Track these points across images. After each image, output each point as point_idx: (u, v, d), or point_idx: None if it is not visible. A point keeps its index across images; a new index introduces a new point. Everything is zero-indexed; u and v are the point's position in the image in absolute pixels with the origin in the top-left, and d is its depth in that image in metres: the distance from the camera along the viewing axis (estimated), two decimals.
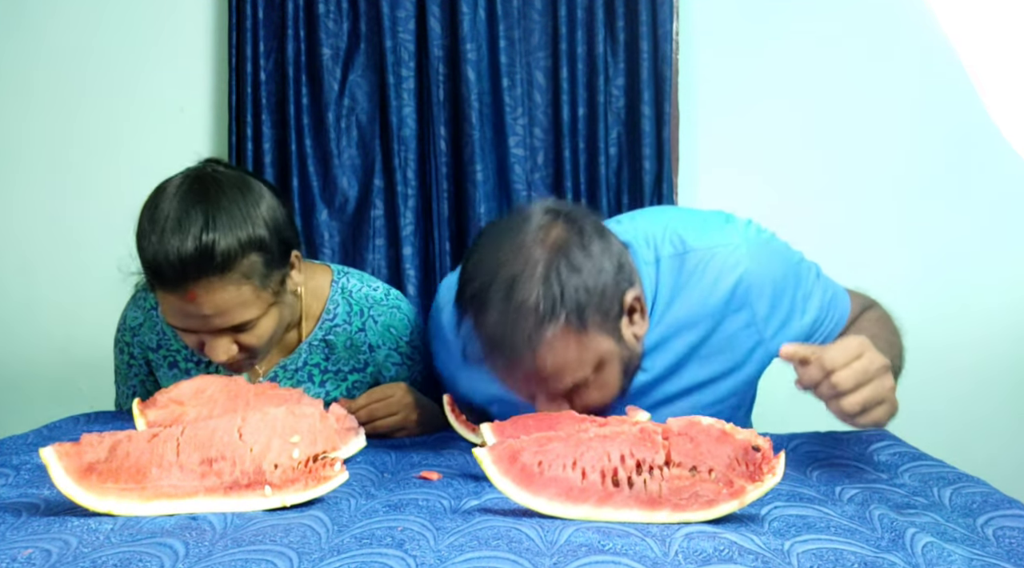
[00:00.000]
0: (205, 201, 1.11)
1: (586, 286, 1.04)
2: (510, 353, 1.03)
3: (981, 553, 0.73)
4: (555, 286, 1.03)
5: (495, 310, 1.03)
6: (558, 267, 1.04)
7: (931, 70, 1.81)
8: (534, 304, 1.02)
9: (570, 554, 0.73)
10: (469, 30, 1.78)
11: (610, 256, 1.08)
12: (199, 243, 1.07)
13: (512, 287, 1.03)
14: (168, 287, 1.10)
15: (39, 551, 0.74)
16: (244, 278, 1.11)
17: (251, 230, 1.12)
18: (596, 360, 1.06)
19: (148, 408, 1.08)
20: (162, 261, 1.08)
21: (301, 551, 0.75)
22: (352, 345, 1.31)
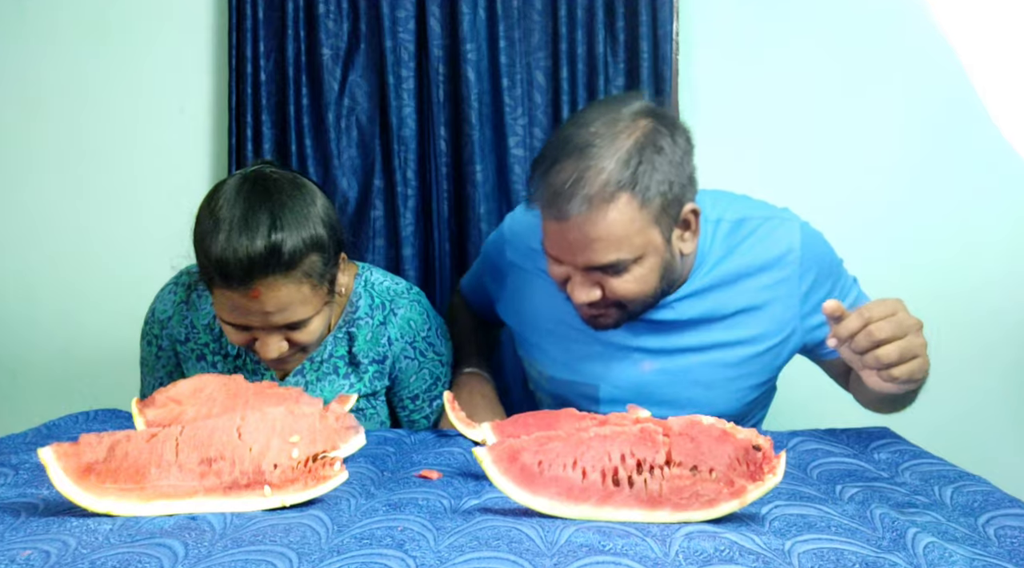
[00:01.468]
0: (269, 201, 1.13)
1: (662, 172, 1.09)
2: (570, 207, 1.07)
3: (983, 553, 0.72)
4: (633, 160, 1.08)
5: (570, 163, 1.08)
6: (642, 146, 1.09)
7: (931, 71, 1.81)
8: (608, 167, 1.07)
9: (570, 554, 0.73)
10: (469, 30, 1.78)
11: (688, 164, 1.14)
12: (268, 241, 1.10)
13: (592, 147, 1.08)
14: (234, 285, 1.11)
15: (38, 552, 0.74)
16: (305, 276, 1.14)
17: (313, 230, 1.14)
18: (642, 248, 1.11)
19: (147, 407, 1.07)
20: (230, 259, 1.09)
21: (301, 551, 0.74)
22: (373, 337, 1.32)
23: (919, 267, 1.84)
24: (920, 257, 1.84)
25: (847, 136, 1.84)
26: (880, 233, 1.84)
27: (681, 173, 1.12)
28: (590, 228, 1.08)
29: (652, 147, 1.09)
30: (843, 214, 1.84)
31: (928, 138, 1.82)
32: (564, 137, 1.11)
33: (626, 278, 1.12)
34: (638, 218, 1.09)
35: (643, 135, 1.09)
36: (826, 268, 1.24)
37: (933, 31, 1.80)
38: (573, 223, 1.08)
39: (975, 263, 1.83)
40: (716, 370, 1.25)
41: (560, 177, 1.08)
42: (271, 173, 1.19)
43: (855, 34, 1.82)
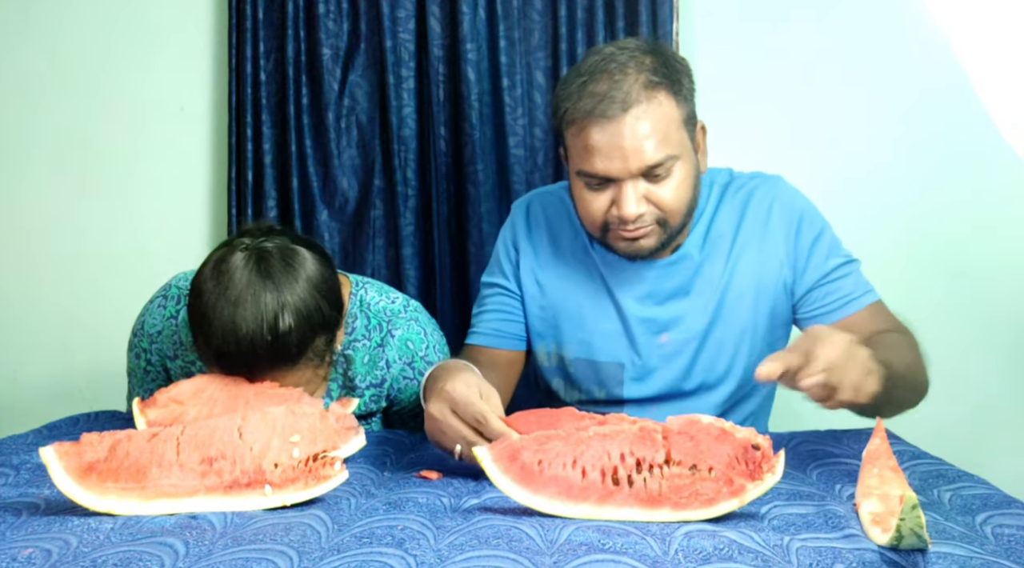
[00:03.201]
0: (274, 286, 1.05)
1: (688, 75, 1.20)
2: (618, 105, 1.12)
3: (980, 551, 0.73)
4: (664, 64, 1.16)
5: (603, 76, 1.14)
6: (664, 56, 1.18)
7: (931, 69, 1.81)
8: (642, 69, 1.14)
9: (570, 553, 0.73)
10: (469, 30, 1.78)
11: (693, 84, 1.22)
12: (276, 333, 1.04)
13: (618, 62, 1.15)
14: (236, 372, 1.07)
15: (39, 551, 0.74)
16: (310, 359, 1.10)
17: (319, 315, 1.08)
18: (681, 146, 1.17)
19: (148, 407, 1.07)
20: (233, 351, 1.04)
21: (301, 550, 0.75)
22: (371, 360, 1.28)
23: (919, 265, 1.84)
24: (920, 256, 1.84)
25: (847, 135, 1.84)
26: (880, 232, 1.84)
27: (692, 88, 1.21)
28: (641, 123, 1.13)
29: (672, 57, 1.19)
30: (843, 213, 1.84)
31: (928, 135, 1.82)
32: (586, 65, 1.17)
33: (669, 183, 1.17)
34: (676, 114, 1.16)
35: (661, 54, 1.18)
36: (809, 215, 1.30)
37: (932, 29, 1.80)
38: (623, 122, 1.12)
39: (975, 262, 1.83)
40: (723, 328, 1.28)
41: (599, 86, 1.13)
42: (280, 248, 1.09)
43: (854, 34, 1.82)
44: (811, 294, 1.29)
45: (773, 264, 1.29)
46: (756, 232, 1.29)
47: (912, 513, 0.69)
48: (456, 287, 1.86)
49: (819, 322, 1.26)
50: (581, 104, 1.14)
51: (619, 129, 1.13)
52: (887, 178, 1.84)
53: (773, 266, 1.29)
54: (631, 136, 1.13)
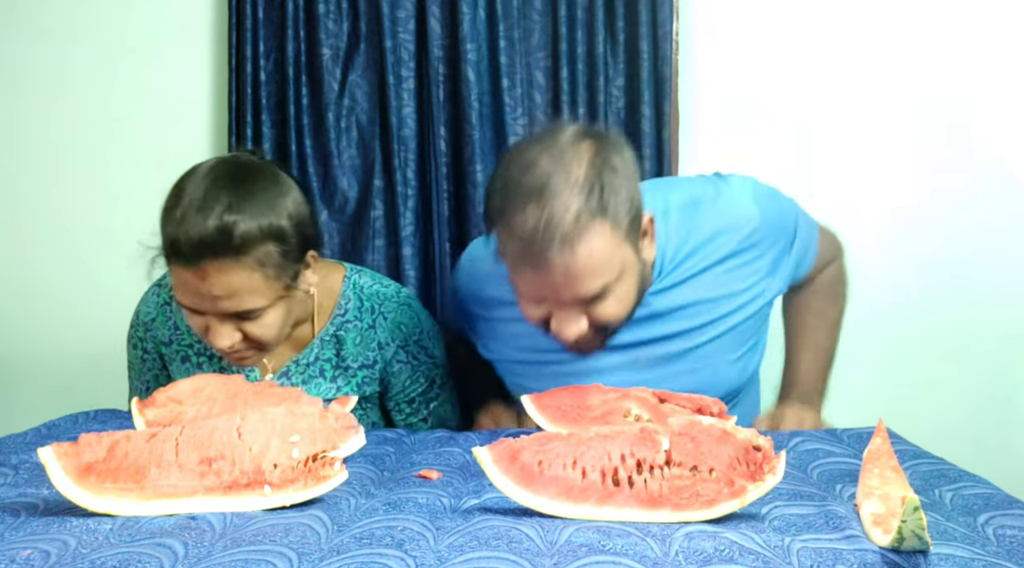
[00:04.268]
0: (232, 184, 1.12)
1: (625, 188, 1.08)
2: (547, 249, 1.03)
3: (982, 552, 0.72)
4: (597, 183, 1.05)
5: (535, 206, 1.03)
6: (599, 166, 1.06)
7: (931, 69, 1.81)
8: (572, 200, 1.03)
9: (570, 554, 0.73)
10: (469, 30, 1.78)
11: (637, 174, 1.12)
12: (220, 222, 1.09)
13: (552, 183, 1.04)
14: (182, 262, 1.11)
15: (38, 552, 0.74)
16: (258, 264, 1.12)
17: (273, 219, 1.13)
18: (620, 267, 1.09)
19: (147, 407, 1.07)
20: (181, 237, 1.09)
21: (301, 551, 0.74)
22: (362, 341, 1.31)
23: (919, 266, 1.84)
24: (920, 257, 1.84)
25: (848, 135, 1.84)
26: (880, 232, 1.84)
27: (635, 186, 1.10)
28: (573, 265, 1.05)
29: (607, 167, 1.07)
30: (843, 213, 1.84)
31: (929, 136, 1.82)
32: (515, 184, 1.06)
33: (609, 301, 1.10)
34: (613, 241, 1.07)
35: (593, 157, 1.07)
36: (783, 231, 1.28)
37: (933, 30, 1.80)
38: (554, 265, 1.05)
39: (976, 263, 1.83)
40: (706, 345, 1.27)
41: (527, 225, 1.04)
42: (250, 161, 1.18)
43: (855, 34, 1.82)
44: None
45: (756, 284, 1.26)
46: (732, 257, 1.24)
47: (914, 515, 0.69)
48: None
49: None
50: (510, 244, 1.07)
51: (550, 272, 1.05)
52: (887, 177, 1.84)
53: (756, 286, 1.26)
54: (564, 277, 1.06)
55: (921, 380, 1.84)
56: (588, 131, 1.11)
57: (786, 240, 1.28)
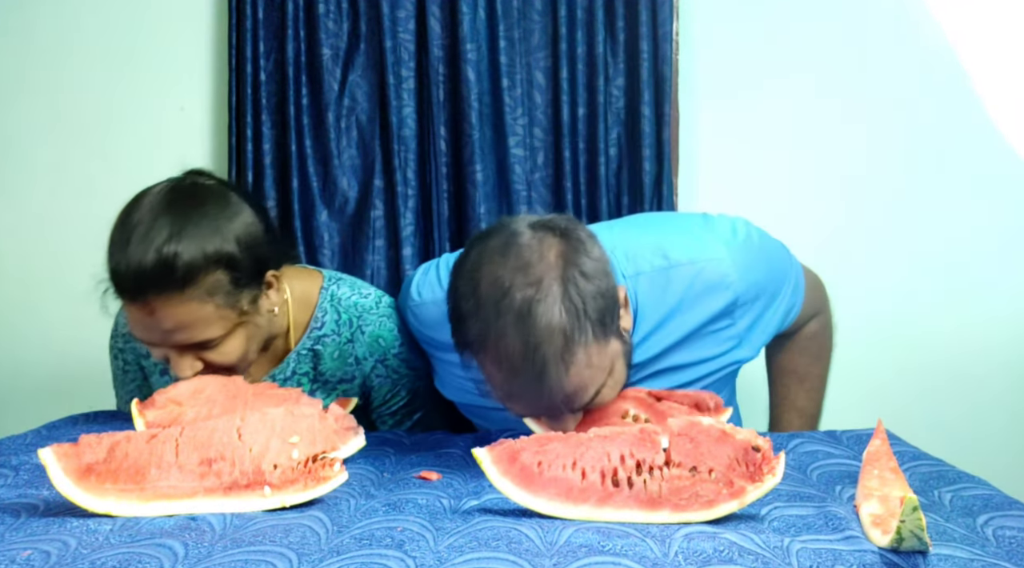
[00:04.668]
0: (175, 212, 1.07)
1: (601, 293, 1.02)
2: (539, 378, 0.98)
3: (981, 554, 0.72)
4: (576, 299, 0.99)
5: (517, 339, 0.97)
6: (574, 279, 1.00)
7: (931, 69, 1.81)
8: (560, 323, 0.98)
9: (570, 555, 0.73)
10: (469, 30, 1.78)
11: (605, 258, 1.06)
12: (160, 255, 1.04)
13: (531, 311, 0.97)
14: (127, 298, 1.07)
15: (38, 552, 0.74)
16: (207, 295, 1.07)
17: (219, 245, 1.07)
18: (611, 362, 1.05)
19: (147, 409, 1.07)
20: (123, 271, 1.05)
21: (301, 552, 0.75)
22: (340, 356, 1.27)
23: (919, 267, 1.84)
24: (920, 257, 1.84)
25: (847, 136, 1.83)
26: (880, 232, 1.84)
27: (607, 277, 1.04)
28: (569, 389, 1.00)
29: (580, 276, 1.00)
30: (843, 214, 1.84)
31: (930, 138, 1.82)
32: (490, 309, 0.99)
33: (604, 393, 1.06)
34: (600, 351, 1.02)
35: (563, 267, 1.00)
36: (763, 293, 1.21)
37: (934, 30, 1.80)
38: (548, 392, 1.00)
39: (976, 264, 1.83)
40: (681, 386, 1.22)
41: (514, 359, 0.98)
42: (194, 184, 1.12)
43: (856, 34, 1.82)
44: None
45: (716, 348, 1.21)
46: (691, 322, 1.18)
47: (913, 515, 0.69)
48: None
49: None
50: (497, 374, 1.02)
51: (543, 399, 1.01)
52: (888, 178, 1.84)
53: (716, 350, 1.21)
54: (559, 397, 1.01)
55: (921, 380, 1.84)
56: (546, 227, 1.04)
57: (763, 306, 1.22)
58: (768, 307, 1.23)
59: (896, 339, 1.83)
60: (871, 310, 1.77)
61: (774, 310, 1.24)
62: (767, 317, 1.23)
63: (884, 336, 1.82)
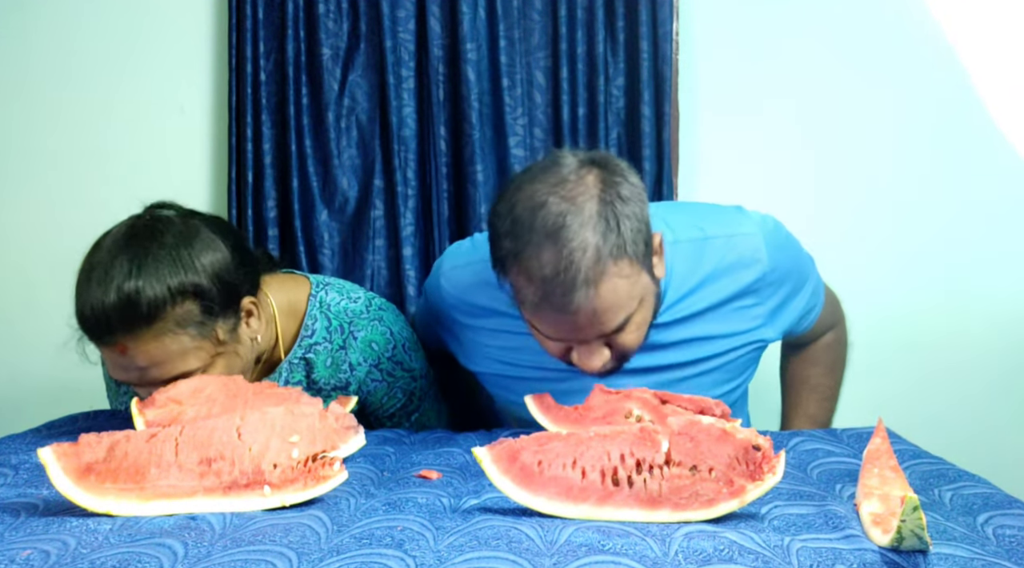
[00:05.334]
0: (134, 249, 1.06)
1: (636, 216, 1.04)
2: (570, 292, 0.99)
3: (981, 552, 0.72)
4: (611, 217, 1.01)
5: (551, 249, 0.99)
6: (610, 198, 1.02)
7: (932, 70, 1.81)
8: (594, 236, 1.00)
9: (570, 554, 0.73)
10: (469, 30, 1.78)
11: (643, 193, 1.08)
12: (122, 292, 1.02)
13: (566, 223, 0.99)
14: (97, 341, 1.06)
15: (37, 552, 0.74)
16: (178, 327, 1.05)
17: (183, 276, 1.05)
18: (641, 295, 1.06)
19: (146, 408, 1.07)
20: (88, 314, 1.04)
21: (300, 551, 0.74)
22: (333, 363, 1.26)
23: (919, 267, 1.84)
24: (921, 257, 1.84)
25: (848, 136, 1.83)
26: (880, 233, 1.84)
27: (644, 209, 1.07)
28: (598, 306, 1.02)
29: (617, 198, 1.03)
30: (843, 214, 1.84)
31: (930, 138, 1.82)
32: (525, 226, 1.02)
33: (629, 330, 1.07)
34: (632, 274, 1.04)
35: (601, 189, 1.03)
36: (790, 280, 1.24)
37: (935, 30, 1.80)
38: (578, 308, 1.01)
39: (976, 264, 1.83)
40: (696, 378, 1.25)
41: (546, 270, 1.00)
42: (153, 217, 1.10)
43: (856, 33, 1.82)
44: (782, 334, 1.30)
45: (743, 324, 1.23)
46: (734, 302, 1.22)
47: (913, 514, 0.69)
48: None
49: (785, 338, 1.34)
50: (531, 290, 1.03)
51: (574, 314, 1.02)
52: (888, 177, 1.84)
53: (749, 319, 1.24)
54: (589, 317, 1.03)
55: (921, 379, 1.84)
56: (589, 159, 1.07)
57: (789, 290, 1.25)
58: (794, 294, 1.25)
59: (896, 338, 1.83)
60: (871, 309, 1.77)
61: (799, 299, 1.26)
62: (793, 304, 1.26)
63: (884, 335, 1.82)
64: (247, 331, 1.16)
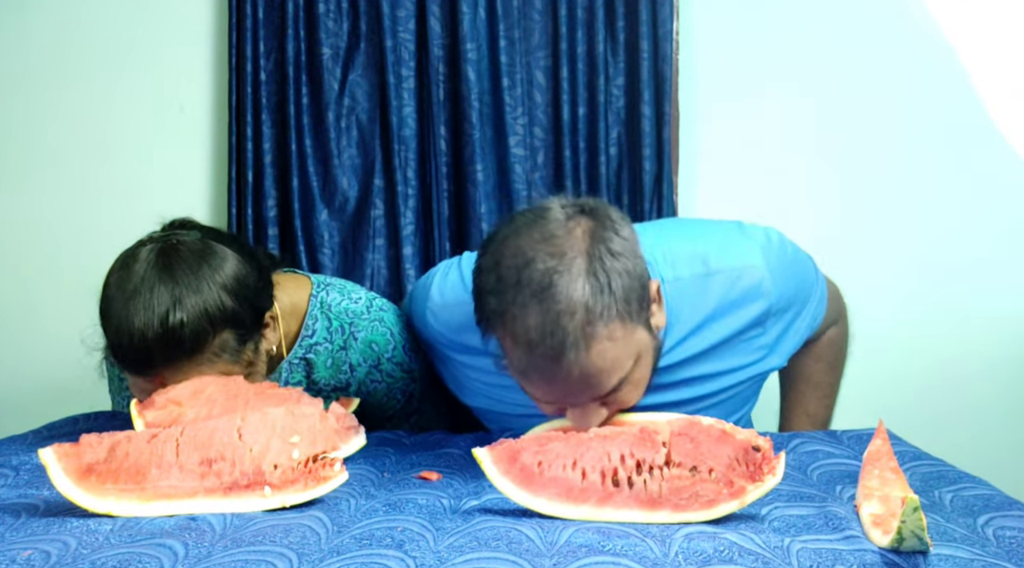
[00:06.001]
0: (170, 278, 1.05)
1: (628, 272, 0.98)
2: (558, 355, 0.94)
3: (982, 554, 0.72)
4: (601, 275, 0.96)
5: (536, 310, 0.94)
6: (600, 255, 0.97)
7: (931, 68, 1.81)
8: (582, 297, 0.94)
9: (570, 555, 0.73)
10: (469, 30, 1.78)
11: (636, 242, 1.02)
12: (166, 326, 1.02)
13: (553, 283, 0.94)
14: (133, 371, 1.06)
15: (38, 552, 0.74)
16: (215, 356, 1.07)
17: (222, 307, 1.06)
18: (636, 353, 1.00)
19: (146, 409, 1.07)
20: (127, 345, 1.03)
21: (301, 552, 0.75)
22: (333, 364, 1.26)
23: (919, 267, 1.84)
24: (920, 257, 1.84)
25: (848, 136, 1.83)
26: (879, 233, 1.84)
27: (637, 260, 1.01)
28: (590, 370, 0.95)
29: (607, 252, 0.97)
30: (843, 214, 1.84)
31: (929, 137, 1.82)
32: (511, 283, 0.96)
33: (626, 389, 1.01)
34: (625, 333, 0.97)
35: (590, 244, 0.97)
36: (794, 306, 1.22)
37: (934, 29, 1.80)
38: (567, 373, 0.95)
39: (976, 263, 1.83)
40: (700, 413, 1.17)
41: (532, 334, 0.94)
42: (186, 241, 1.09)
43: (856, 33, 1.82)
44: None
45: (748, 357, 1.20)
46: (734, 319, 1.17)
47: (913, 515, 0.69)
48: None
49: None
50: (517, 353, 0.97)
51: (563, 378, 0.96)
52: (887, 177, 1.84)
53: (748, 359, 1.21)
54: (579, 381, 0.96)
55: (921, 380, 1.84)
56: (578, 209, 1.01)
57: (793, 315, 1.22)
58: (797, 316, 1.22)
59: (897, 338, 1.83)
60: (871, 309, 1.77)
61: (802, 319, 1.24)
62: (796, 326, 1.23)
63: (885, 335, 1.82)
64: (265, 344, 1.17)
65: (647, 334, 1.02)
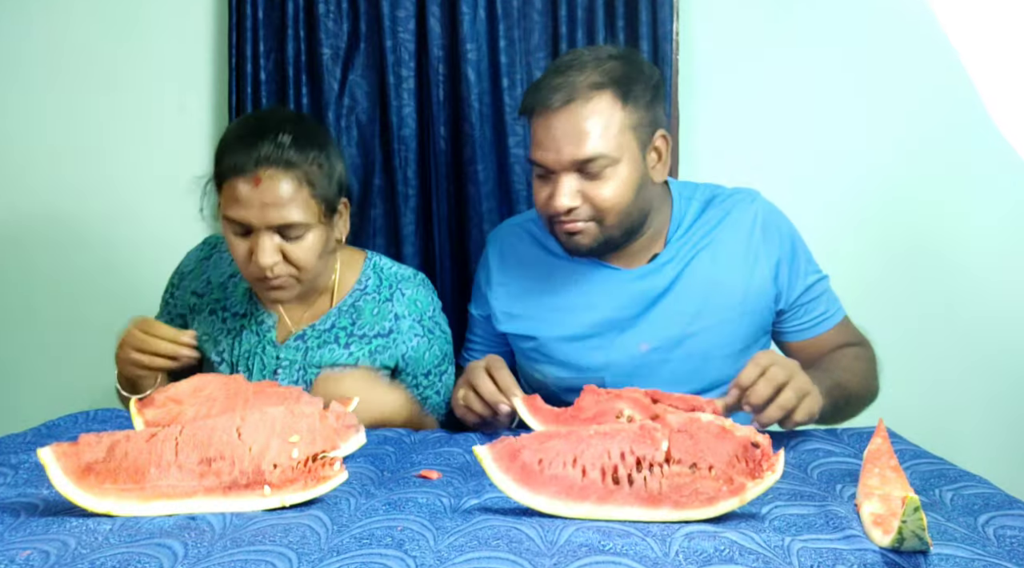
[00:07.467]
0: (294, 121, 1.28)
1: (639, 84, 1.22)
2: (556, 97, 1.19)
3: (982, 553, 0.72)
4: (616, 68, 1.21)
5: (558, 73, 1.21)
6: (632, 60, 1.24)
7: (932, 70, 1.81)
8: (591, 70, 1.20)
9: (570, 554, 0.73)
10: (469, 30, 1.78)
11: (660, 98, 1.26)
12: (276, 137, 1.23)
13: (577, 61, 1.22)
14: (238, 173, 1.21)
15: (37, 552, 0.74)
16: (305, 180, 1.24)
17: (320, 149, 1.26)
18: (620, 149, 1.20)
19: (146, 407, 1.07)
20: (238, 146, 1.22)
21: (300, 551, 0.74)
22: (379, 312, 1.38)
23: (919, 267, 1.84)
24: (920, 257, 1.84)
25: (847, 136, 1.83)
26: (879, 233, 1.84)
27: (657, 92, 1.24)
28: (577, 118, 1.18)
29: (632, 64, 1.23)
30: (843, 214, 1.84)
31: (930, 138, 1.82)
32: (556, 61, 1.26)
33: (605, 183, 1.20)
34: (618, 116, 1.20)
35: (626, 59, 1.23)
36: (792, 233, 1.36)
37: (935, 31, 1.80)
38: (559, 114, 1.19)
39: (975, 263, 1.83)
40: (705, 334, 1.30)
41: (553, 80, 1.20)
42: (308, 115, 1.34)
43: (856, 33, 1.82)
44: (791, 311, 1.35)
45: (759, 277, 1.32)
46: (740, 244, 1.32)
47: (914, 515, 0.69)
48: (457, 286, 1.86)
49: (795, 338, 1.37)
50: (531, 95, 1.23)
51: (555, 121, 1.20)
52: (889, 178, 1.84)
53: (759, 279, 1.32)
54: (565, 129, 1.19)
55: (922, 378, 1.84)
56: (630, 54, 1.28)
57: (786, 249, 1.34)
58: (790, 257, 1.33)
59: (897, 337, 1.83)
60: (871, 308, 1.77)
61: (800, 261, 1.34)
62: (795, 266, 1.33)
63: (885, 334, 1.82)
64: (339, 223, 1.34)
65: (638, 152, 1.22)
